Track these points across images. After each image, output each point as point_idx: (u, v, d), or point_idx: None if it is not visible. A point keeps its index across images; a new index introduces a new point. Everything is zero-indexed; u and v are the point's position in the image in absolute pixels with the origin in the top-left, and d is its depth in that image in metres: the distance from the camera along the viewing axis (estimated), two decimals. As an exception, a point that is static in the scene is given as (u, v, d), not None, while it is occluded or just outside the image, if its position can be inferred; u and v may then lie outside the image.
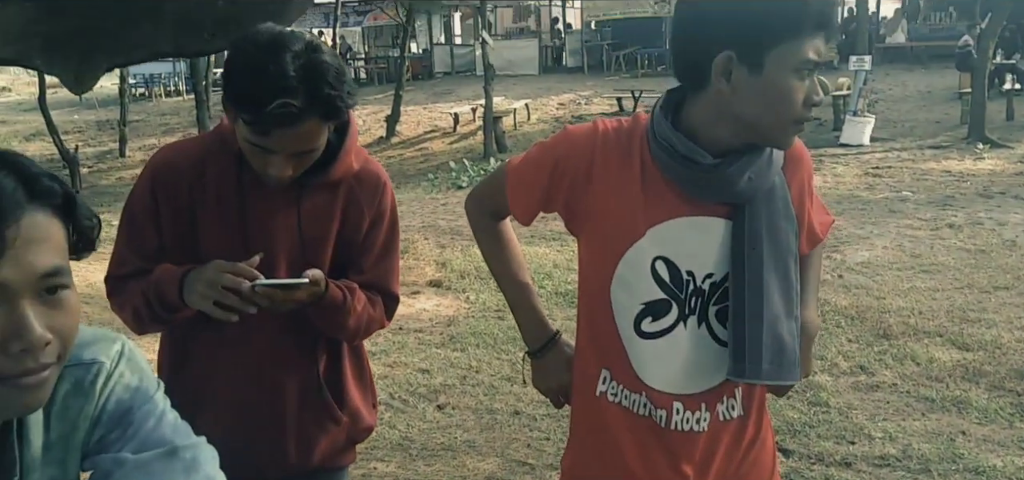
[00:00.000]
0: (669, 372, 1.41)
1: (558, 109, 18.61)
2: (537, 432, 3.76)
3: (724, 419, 1.45)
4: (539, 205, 1.48)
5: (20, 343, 0.76)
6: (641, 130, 1.39)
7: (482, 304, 5.71)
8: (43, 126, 15.45)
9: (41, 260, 0.77)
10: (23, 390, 0.78)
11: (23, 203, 0.77)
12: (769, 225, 1.36)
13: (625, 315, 1.41)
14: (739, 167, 1.32)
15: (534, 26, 27.59)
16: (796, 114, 1.27)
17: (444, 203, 9.84)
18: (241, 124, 1.42)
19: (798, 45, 1.23)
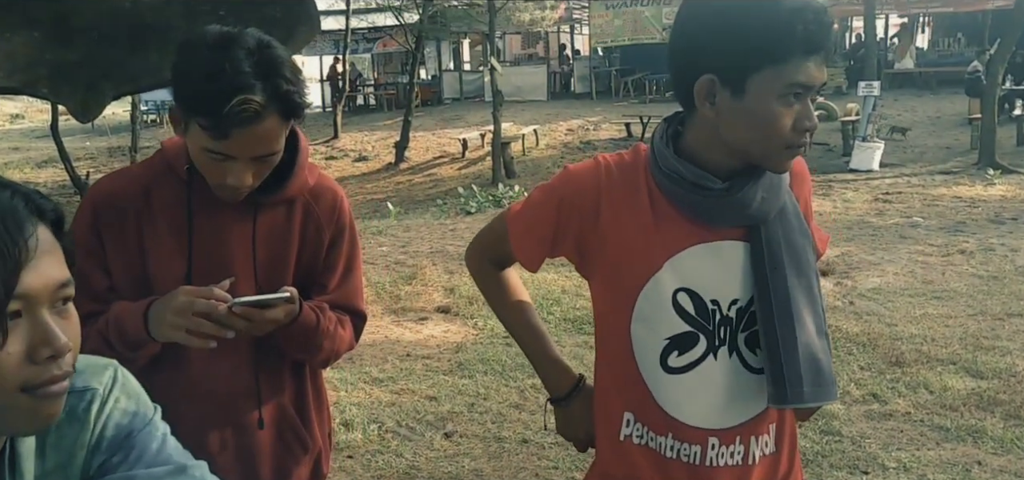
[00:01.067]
0: (702, 406, 1.36)
1: (566, 135, 18.64)
2: (545, 461, 3.71)
3: (755, 460, 1.39)
4: (546, 250, 1.43)
5: (48, 349, 0.79)
6: (643, 161, 1.37)
7: (490, 330, 5.68)
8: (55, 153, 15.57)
9: (56, 271, 0.81)
10: (47, 399, 0.80)
11: (33, 218, 0.80)
12: (788, 243, 1.32)
13: (648, 352, 1.36)
14: (750, 189, 1.29)
15: (542, 52, 27.74)
16: (785, 139, 1.24)
17: (453, 229, 9.83)
18: (196, 131, 1.35)
19: (783, 69, 1.20)
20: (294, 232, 1.55)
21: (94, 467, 0.91)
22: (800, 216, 1.36)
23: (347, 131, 21.00)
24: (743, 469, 1.39)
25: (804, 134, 1.24)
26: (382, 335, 5.73)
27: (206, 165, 1.39)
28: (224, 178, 1.39)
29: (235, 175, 1.38)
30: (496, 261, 1.54)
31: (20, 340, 0.78)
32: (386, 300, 6.46)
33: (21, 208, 0.79)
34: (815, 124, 1.24)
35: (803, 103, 1.23)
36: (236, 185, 1.40)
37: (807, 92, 1.23)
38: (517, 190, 12.86)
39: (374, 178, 17.95)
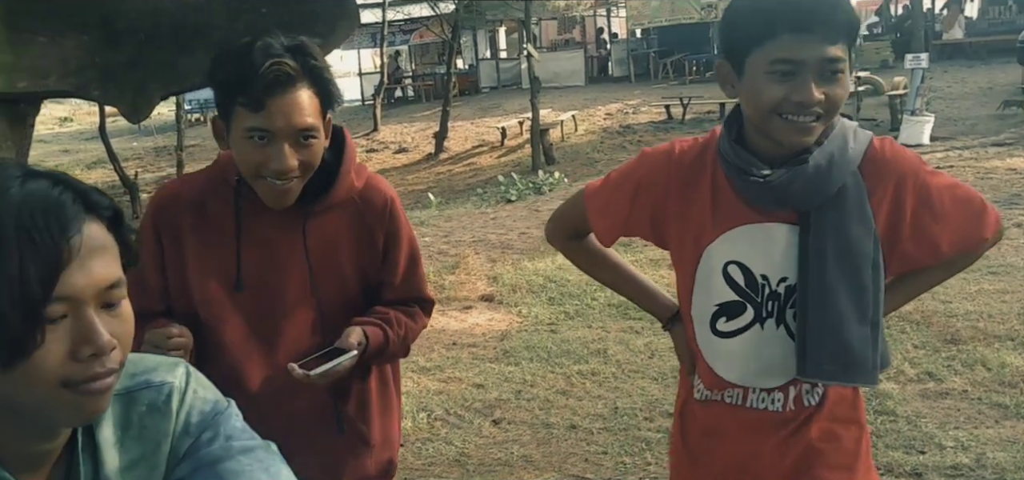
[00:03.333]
0: (745, 368, 1.49)
1: (605, 119, 18.53)
2: (594, 446, 3.71)
3: (794, 407, 1.50)
4: (622, 227, 1.58)
5: (90, 348, 0.79)
6: (714, 144, 1.49)
7: (534, 318, 5.68)
8: (104, 154, 15.97)
9: (104, 270, 0.81)
10: (90, 396, 0.81)
11: (82, 214, 0.80)
12: (837, 230, 1.38)
13: (702, 316, 1.50)
14: (789, 178, 1.37)
15: (579, 37, 27.57)
16: (777, 111, 1.33)
17: (494, 217, 9.85)
18: (237, 118, 1.40)
19: (770, 48, 1.32)
20: (344, 239, 1.57)
21: (183, 449, 0.94)
22: (863, 206, 1.39)
23: (387, 123, 21.15)
24: (782, 415, 1.50)
25: (798, 107, 1.32)
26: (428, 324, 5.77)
27: (249, 155, 1.41)
28: (268, 162, 1.41)
29: (277, 157, 1.40)
30: (575, 235, 1.69)
31: (63, 338, 0.79)
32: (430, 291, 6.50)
33: (69, 204, 0.79)
34: (807, 99, 1.31)
35: (796, 79, 1.31)
36: (279, 169, 1.41)
37: (797, 68, 1.31)
38: (557, 176, 12.83)
39: (414, 169, 18.06)
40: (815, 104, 1.32)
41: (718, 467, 1.57)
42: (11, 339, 0.75)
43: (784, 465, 1.51)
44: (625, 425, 3.89)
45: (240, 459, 0.92)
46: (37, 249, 0.75)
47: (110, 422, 0.91)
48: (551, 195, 11.15)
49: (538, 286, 6.34)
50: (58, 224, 0.77)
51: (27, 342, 0.76)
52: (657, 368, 4.57)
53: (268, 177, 1.43)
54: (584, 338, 5.16)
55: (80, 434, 0.89)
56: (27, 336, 0.76)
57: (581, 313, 5.71)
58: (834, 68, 1.32)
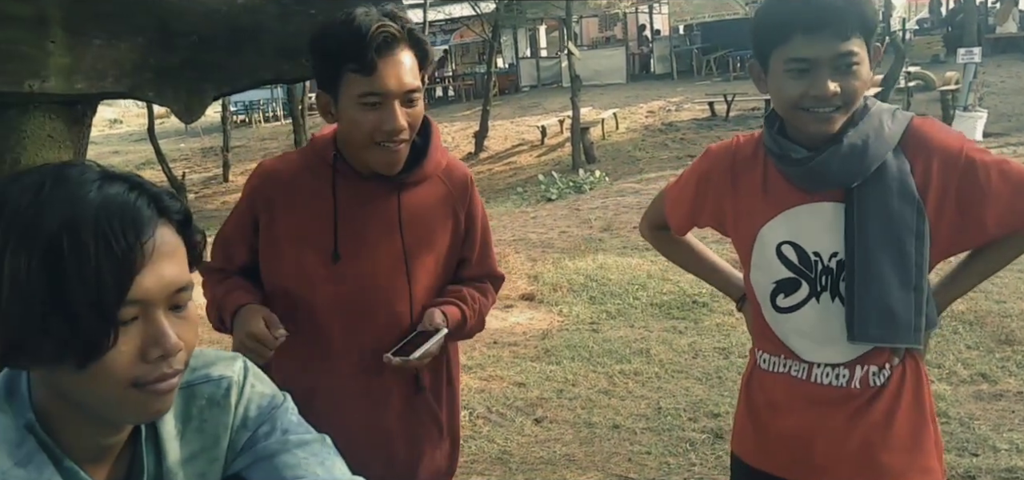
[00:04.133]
0: (807, 342, 1.58)
1: (647, 117, 18.40)
2: (638, 446, 3.69)
3: (860, 385, 1.56)
4: (690, 216, 1.73)
5: (159, 350, 0.82)
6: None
7: (575, 317, 5.67)
8: (152, 155, 16.32)
9: (174, 274, 0.83)
10: (157, 396, 0.83)
11: (156, 218, 0.82)
12: (880, 203, 1.47)
13: (763, 294, 1.61)
14: (828, 156, 1.46)
15: (620, 34, 27.41)
16: (796, 106, 1.45)
17: (534, 216, 9.85)
18: (348, 85, 1.47)
19: (786, 48, 1.44)
20: (436, 211, 1.65)
21: (241, 442, 0.97)
22: (904, 180, 1.47)
23: (428, 123, 21.23)
24: (847, 391, 1.56)
25: (816, 101, 1.43)
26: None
27: (364, 120, 1.48)
28: (382, 124, 1.48)
29: (390, 117, 1.47)
30: (659, 227, 1.87)
31: (133, 339, 0.81)
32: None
33: (144, 209, 0.81)
34: (823, 93, 1.42)
35: (811, 75, 1.42)
36: (392, 128, 1.48)
37: (812, 65, 1.42)
38: (598, 175, 12.77)
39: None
40: (832, 97, 1.43)
41: (781, 438, 1.64)
42: (86, 341, 0.78)
43: (848, 445, 1.57)
44: (669, 425, 3.86)
45: (296, 452, 0.95)
46: (113, 253, 0.77)
47: (172, 415, 0.94)
48: (591, 194, 11.11)
49: (579, 285, 6.32)
50: (134, 229, 0.79)
51: (101, 344, 0.78)
52: (701, 368, 4.52)
53: (382, 141, 1.50)
54: (626, 337, 5.13)
55: (143, 427, 0.92)
56: (101, 338, 0.78)
57: (623, 312, 5.68)
58: (848, 62, 1.42)
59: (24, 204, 0.78)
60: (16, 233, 0.77)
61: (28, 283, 0.76)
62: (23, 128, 1.53)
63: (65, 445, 0.85)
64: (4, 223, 0.78)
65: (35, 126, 1.53)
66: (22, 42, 1.48)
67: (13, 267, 0.76)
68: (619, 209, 9.20)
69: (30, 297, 0.76)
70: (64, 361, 0.78)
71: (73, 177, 0.81)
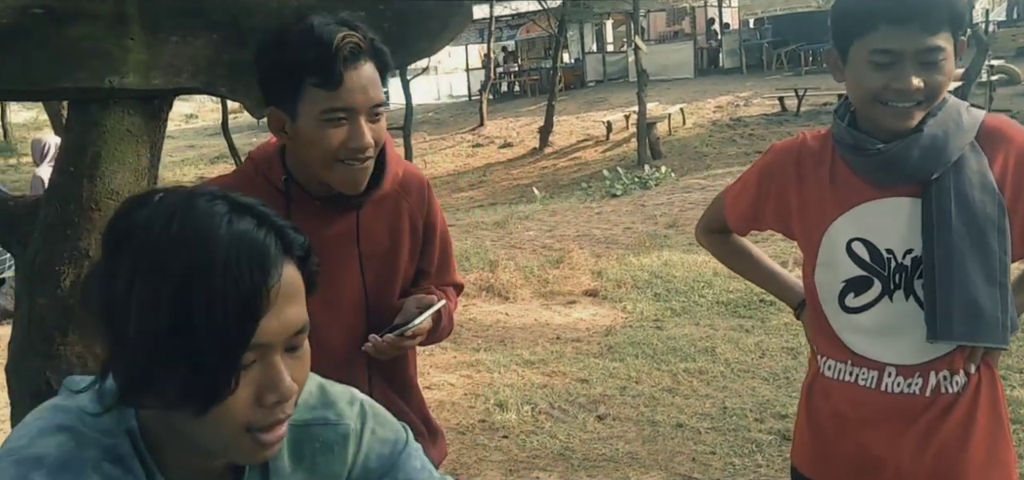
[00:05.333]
0: (877, 342, 1.51)
1: (715, 112, 18.11)
2: (702, 446, 3.63)
3: (934, 392, 1.49)
4: (751, 215, 1.67)
5: (275, 396, 0.79)
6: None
7: (639, 314, 5.62)
8: (226, 149, 16.81)
9: (295, 316, 0.80)
10: (267, 444, 0.81)
11: (281, 257, 0.79)
12: (959, 197, 1.41)
13: (829, 294, 1.54)
14: (905, 147, 1.41)
15: (688, 28, 27.02)
16: (877, 99, 1.40)
17: (598, 212, 9.79)
18: (309, 99, 1.34)
19: (870, 38, 1.38)
20: (394, 226, 1.55)
21: None
22: (983, 173, 1.43)
23: (492, 118, 21.36)
24: (921, 400, 1.49)
25: (898, 95, 1.38)
26: (532, 318, 5.80)
27: (329, 137, 1.36)
28: (348, 141, 1.36)
29: (357, 134, 1.36)
30: (718, 230, 1.80)
31: (251, 384, 0.78)
32: (534, 284, 6.52)
33: (272, 247, 0.78)
34: (906, 87, 1.37)
35: (894, 68, 1.37)
36: (360, 146, 1.37)
37: (896, 58, 1.37)
38: (664, 171, 12.63)
39: (519, 164, 18.17)
40: (914, 91, 1.37)
41: (848, 451, 1.56)
42: (209, 386, 0.75)
43: (922, 459, 1.50)
44: (734, 426, 3.79)
45: None
46: (241, 297, 0.75)
47: (285, 450, 0.91)
48: (657, 190, 10.99)
49: (643, 282, 6.26)
50: (261, 271, 0.76)
51: (223, 389, 0.76)
52: (768, 368, 4.43)
53: (347, 159, 1.38)
54: (691, 336, 5.06)
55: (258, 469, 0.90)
56: (224, 384, 0.76)
57: (688, 310, 5.60)
58: (933, 57, 1.36)
59: (153, 236, 0.76)
60: (145, 266, 0.75)
61: (155, 320, 0.74)
62: (103, 123, 1.58)
63: (163, 464, 0.84)
64: (132, 255, 0.76)
65: (114, 121, 1.59)
66: (102, 39, 1.53)
67: (141, 302, 0.74)
68: (685, 206, 9.08)
69: (157, 335, 0.74)
70: (185, 407, 0.76)
71: (203, 209, 0.77)
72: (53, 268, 1.59)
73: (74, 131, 1.59)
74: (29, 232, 1.59)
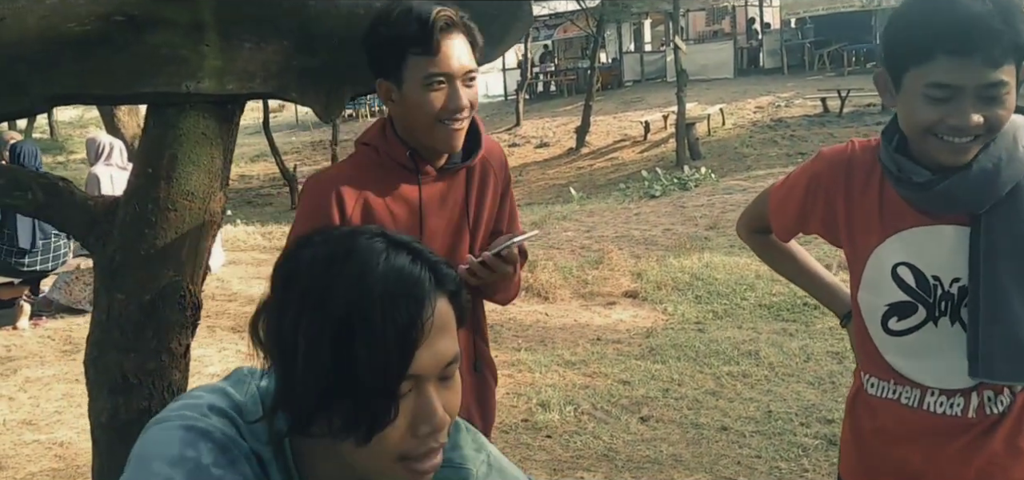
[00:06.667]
0: (920, 366, 1.47)
1: (755, 112, 17.94)
2: (747, 449, 3.63)
3: (976, 414, 1.45)
4: (796, 221, 1.62)
5: (428, 426, 0.82)
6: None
7: (681, 316, 5.61)
8: (266, 147, 17.07)
9: (447, 347, 0.83)
10: (420, 473, 0.84)
11: (434, 291, 0.82)
12: (1010, 231, 1.36)
13: (872, 315, 1.50)
14: (955, 182, 1.34)
15: (728, 28, 26.79)
16: (930, 132, 1.32)
17: (637, 212, 9.77)
18: (412, 68, 1.52)
19: (927, 69, 1.28)
20: (484, 189, 1.74)
21: None
22: None
23: (528, 118, 21.39)
24: (963, 420, 1.45)
25: (954, 131, 1.30)
26: (571, 319, 5.82)
27: (426, 102, 1.54)
28: (446, 102, 1.54)
29: (454, 95, 1.54)
30: (761, 230, 1.76)
31: (405, 414, 0.81)
32: (573, 284, 6.54)
33: (426, 282, 0.81)
34: (963, 124, 1.28)
35: (952, 103, 1.28)
36: (457, 106, 1.54)
37: (954, 93, 1.27)
38: (703, 172, 12.55)
39: (555, 163, 18.17)
40: (973, 128, 1.29)
41: (892, 467, 1.54)
42: (372, 415, 0.79)
43: (968, 475, 1.46)
44: (780, 429, 3.78)
45: None
46: (399, 329, 0.78)
47: None
48: (697, 191, 10.93)
49: (684, 284, 6.25)
50: (417, 304, 0.80)
51: (384, 419, 0.79)
52: (813, 372, 4.40)
53: (446, 119, 1.56)
54: (734, 338, 5.04)
55: None
56: (384, 414, 0.79)
57: (730, 313, 5.58)
58: (996, 92, 1.27)
59: (317, 274, 0.81)
60: (310, 304, 0.80)
61: (321, 355, 0.78)
62: (180, 126, 1.64)
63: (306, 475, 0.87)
64: (298, 296, 0.81)
65: (190, 124, 1.64)
66: (180, 46, 1.59)
67: (308, 339, 0.79)
68: (726, 207, 9.02)
69: (322, 369, 0.78)
70: (349, 436, 0.80)
71: (363, 246, 0.82)
72: (131, 265, 1.66)
73: (151, 134, 1.66)
74: (108, 230, 1.66)
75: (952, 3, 1.26)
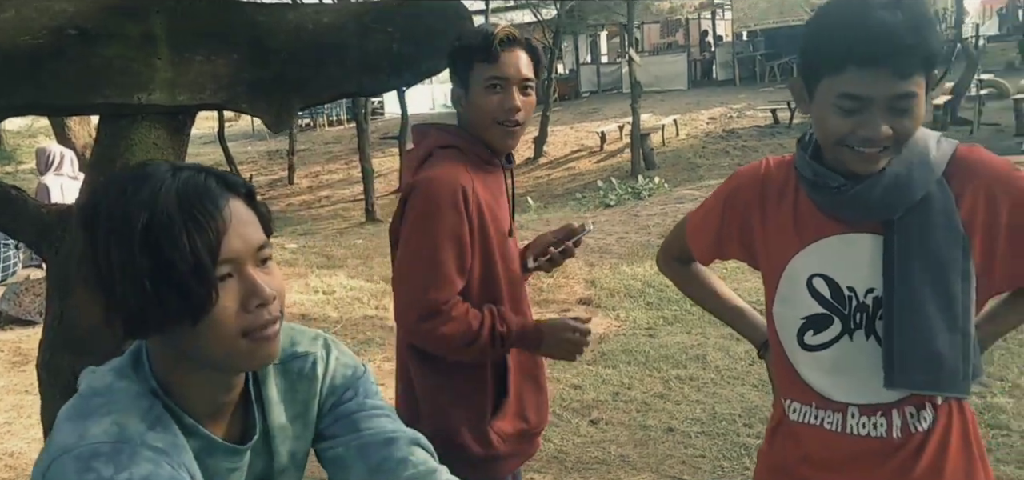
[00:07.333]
0: (838, 381, 1.46)
1: (708, 123, 18.27)
2: (692, 449, 3.75)
3: (901, 434, 1.43)
4: (716, 243, 1.62)
5: (257, 299, 0.96)
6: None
7: (632, 322, 5.73)
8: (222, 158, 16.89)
9: (253, 234, 0.98)
10: (264, 341, 0.98)
11: (226, 192, 0.97)
12: (923, 238, 1.35)
13: (788, 330, 1.49)
14: (866, 187, 1.34)
15: (682, 40, 27.23)
16: (843, 143, 1.32)
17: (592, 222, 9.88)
18: (476, 70, 1.78)
19: (838, 80, 1.28)
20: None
21: (328, 406, 1.15)
22: (950, 213, 1.35)
23: (488, 128, 21.43)
24: (889, 442, 1.43)
25: (864, 142, 1.30)
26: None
27: (486, 102, 1.79)
28: (502, 103, 1.79)
29: (509, 98, 1.79)
30: (680, 259, 1.75)
31: (233, 294, 0.95)
32: (529, 291, 6.61)
33: (214, 186, 0.96)
34: (874, 135, 1.28)
35: (862, 114, 1.28)
36: (511, 107, 1.79)
37: (864, 104, 1.27)
38: (657, 181, 12.77)
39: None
40: (883, 139, 1.29)
41: None
42: (193, 302, 0.92)
43: None
44: (724, 430, 3.90)
45: (371, 411, 1.13)
46: (199, 224, 0.92)
47: (274, 386, 1.11)
48: (650, 200, 11.12)
49: (636, 291, 6.38)
50: (211, 201, 0.94)
51: (206, 301, 0.92)
52: (758, 375, 4.55)
53: (502, 120, 1.80)
54: (683, 343, 5.18)
55: (252, 391, 1.08)
56: (205, 296, 0.92)
57: (680, 318, 5.72)
58: (905, 104, 1.27)
59: (115, 206, 0.93)
60: (114, 231, 0.92)
61: (135, 267, 0.91)
62: (131, 136, 1.70)
63: (185, 407, 1.00)
64: (102, 225, 0.93)
65: (142, 134, 1.70)
66: (132, 59, 1.64)
67: (119, 259, 0.91)
68: (678, 216, 9.18)
69: (139, 278, 0.91)
70: (180, 322, 0.93)
71: (147, 174, 0.95)
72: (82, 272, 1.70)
73: (103, 144, 1.71)
74: (61, 238, 1.70)
75: (863, 15, 1.25)
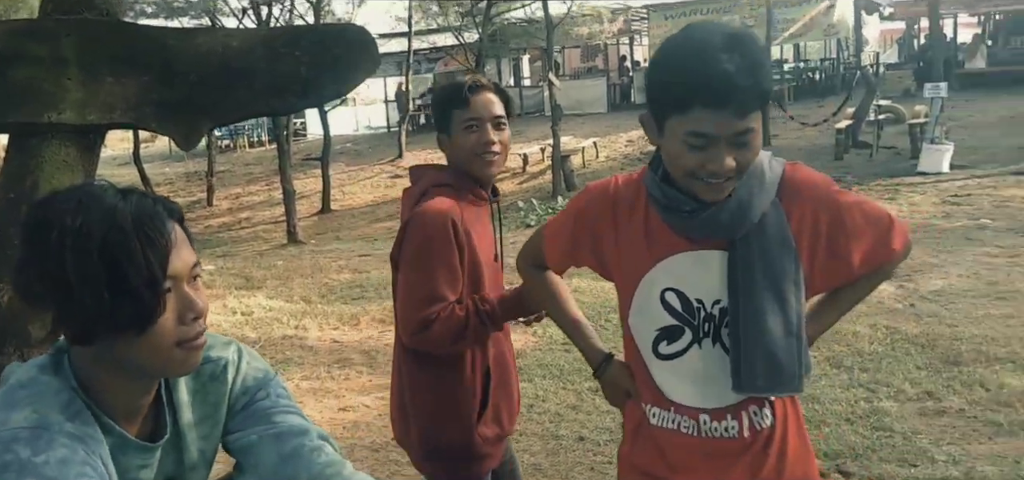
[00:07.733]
0: (690, 388, 1.58)
1: (627, 146, 18.74)
2: (600, 456, 3.90)
3: (750, 432, 1.57)
4: (567, 253, 1.72)
5: (193, 312, 1.08)
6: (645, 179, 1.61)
7: (549, 337, 5.88)
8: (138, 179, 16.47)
9: (189, 254, 1.10)
10: (194, 350, 1.10)
11: (167, 216, 1.08)
12: (762, 254, 1.49)
13: (644, 341, 1.59)
14: (717, 211, 1.46)
15: (602, 65, 27.85)
16: (693, 177, 1.43)
17: (513, 241, 9.99)
18: (454, 116, 2.03)
19: (685, 119, 1.39)
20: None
21: (239, 406, 1.25)
22: (782, 229, 1.50)
23: (411, 150, 21.50)
24: (739, 442, 1.57)
25: (712, 174, 1.41)
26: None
27: (466, 141, 2.03)
28: (480, 139, 2.03)
29: (484, 133, 2.03)
30: (538, 265, 1.82)
31: (172, 309, 1.07)
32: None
33: (161, 211, 1.07)
34: (719, 169, 1.40)
35: (709, 150, 1.39)
36: (487, 141, 2.03)
37: (711, 141, 1.38)
38: (577, 202, 13.01)
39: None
40: (727, 171, 1.40)
41: None
42: (144, 311, 1.03)
43: None
44: (631, 438, 4.07)
45: (284, 408, 1.23)
46: (152, 241, 1.04)
47: (184, 387, 1.21)
48: (571, 220, 11.33)
49: (554, 308, 6.52)
50: (161, 223, 1.06)
51: (155, 311, 1.04)
52: (665, 385, 4.73)
53: (481, 154, 2.03)
54: (596, 357, 5.33)
55: (164, 394, 1.18)
56: (155, 307, 1.03)
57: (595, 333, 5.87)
58: (746, 139, 1.39)
59: (70, 219, 1.02)
60: (72, 242, 1.01)
61: (94, 277, 1.00)
62: (42, 154, 1.74)
63: (103, 406, 1.10)
64: (58, 236, 1.01)
65: (52, 152, 1.75)
66: (43, 80, 1.70)
67: (77, 267, 1.00)
68: (596, 235, 9.40)
69: (97, 287, 1.00)
70: (127, 331, 1.03)
71: (98, 193, 1.05)
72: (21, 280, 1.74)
73: (13, 161, 1.75)
74: (-32, 253, 1.74)
75: (705, 61, 1.36)
